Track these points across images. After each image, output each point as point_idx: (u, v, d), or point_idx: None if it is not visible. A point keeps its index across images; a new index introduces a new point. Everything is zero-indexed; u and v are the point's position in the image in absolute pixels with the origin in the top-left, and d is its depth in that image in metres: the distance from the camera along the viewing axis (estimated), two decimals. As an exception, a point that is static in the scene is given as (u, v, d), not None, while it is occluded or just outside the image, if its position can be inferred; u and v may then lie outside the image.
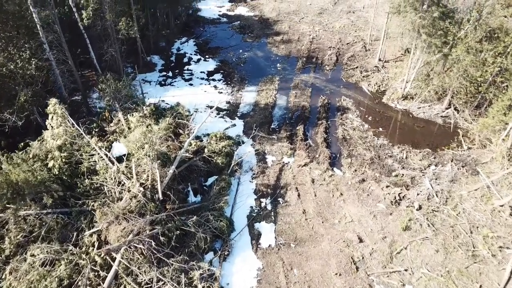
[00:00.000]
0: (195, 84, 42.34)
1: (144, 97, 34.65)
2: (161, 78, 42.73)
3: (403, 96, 40.48)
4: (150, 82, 42.01)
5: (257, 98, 40.68)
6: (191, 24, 55.09)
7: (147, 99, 38.81)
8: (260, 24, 55.82)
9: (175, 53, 47.82)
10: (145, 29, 44.38)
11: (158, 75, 43.41)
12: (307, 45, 50.41)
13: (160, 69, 44.42)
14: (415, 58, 37.94)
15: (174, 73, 44.00)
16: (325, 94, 41.80)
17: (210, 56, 47.70)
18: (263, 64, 46.92)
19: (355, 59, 47.83)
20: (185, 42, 50.17)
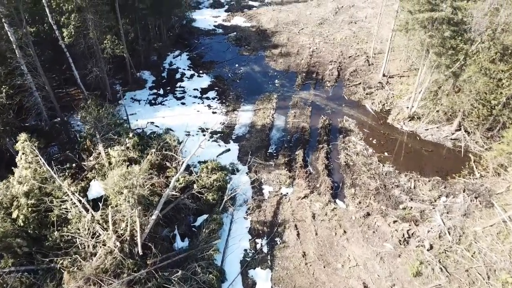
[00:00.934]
0: (188, 103, 40.08)
1: (130, 123, 32.25)
2: (151, 97, 40.46)
3: (409, 117, 38.23)
4: (139, 101, 39.72)
5: (253, 119, 38.42)
6: (185, 35, 52.86)
7: (136, 121, 36.66)
8: (258, 36, 53.61)
9: (167, 68, 45.57)
10: (134, 44, 42.15)
11: (149, 93, 41.13)
12: (306, 58, 48.20)
13: (151, 86, 42.16)
14: (422, 77, 35.71)
15: (165, 90, 41.73)
16: (326, 113, 39.55)
17: (204, 71, 45.46)
18: (260, 80, 44.69)
19: (357, 74, 45.60)
20: (178, 56, 47.93)
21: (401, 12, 31.96)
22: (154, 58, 46.91)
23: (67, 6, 29.70)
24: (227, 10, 60.96)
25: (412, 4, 27.92)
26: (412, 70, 45.49)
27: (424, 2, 27.14)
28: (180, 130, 35.96)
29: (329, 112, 39.79)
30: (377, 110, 40.24)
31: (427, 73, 34.08)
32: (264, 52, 50.02)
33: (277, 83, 44.12)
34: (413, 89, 40.54)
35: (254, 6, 62.59)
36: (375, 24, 57.59)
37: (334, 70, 46.01)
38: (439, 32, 28.89)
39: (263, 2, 64.09)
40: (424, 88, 36.28)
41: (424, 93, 36.51)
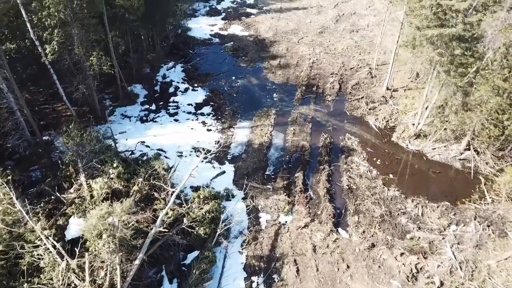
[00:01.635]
0: (181, 119, 38.27)
1: (116, 145, 30.34)
2: (143, 113, 38.64)
3: (415, 135, 36.45)
4: (130, 118, 37.88)
5: (250, 137, 36.60)
6: (180, 45, 51.09)
7: (126, 140, 34.84)
8: (256, 46, 51.85)
9: (160, 81, 43.76)
10: (125, 56, 40.38)
11: (140, 108, 39.31)
12: (306, 70, 46.43)
13: (143, 101, 40.34)
14: (429, 94, 33.91)
15: (158, 106, 39.91)
16: (327, 130, 37.73)
17: (199, 84, 43.67)
18: (258, 94, 42.90)
19: (360, 87, 43.83)
20: (172, 68, 46.12)
21: (407, 27, 30.18)
22: (147, 70, 45.13)
23: (50, 21, 27.92)
24: (224, 18, 59.20)
25: (420, 19, 26.18)
26: (417, 83, 43.83)
27: (433, 17, 25.39)
28: (172, 151, 34.15)
29: (330, 129, 37.99)
30: (381, 127, 38.43)
31: (434, 90, 32.31)
32: (262, 64, 48.26)
33: (276, 97, 42.33)
34: (418, 104, 38.85)
35: (252, 14, 60.90)
36: (377, 33, 56.02)
37: (335, 83, 44.25)
38: (449, 49, 27.13)
39: (262, 10, 62.42)
40: (431, 106, 34.52)
41: (431, 110, 34.74)
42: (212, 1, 65.04)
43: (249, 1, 66.50)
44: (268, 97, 42.47)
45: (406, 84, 44.09)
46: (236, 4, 64.71)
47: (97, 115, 37.54)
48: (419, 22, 26.17)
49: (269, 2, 66.28)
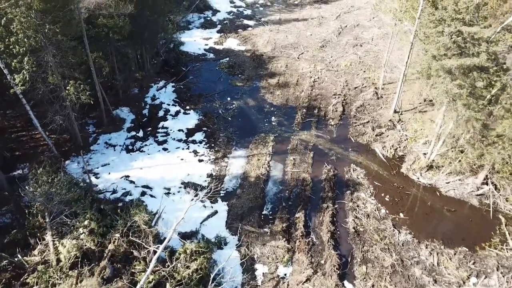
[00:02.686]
0: (171, 148, 35.37)
1: (93, 193, 27.31)
2: (128, 141, 35.73)
3: (427, 166, 33.61)
4: (114, 147, 34.99)
5: (246, 168, 33.73)
6: (172, 62, 48.22)
7: (108, 174, 31.92)
8: (253, 62, 48.98)
9: (149, 104, 40.84)
10: (110, 78, 37.48)
11: (126, 135, 36.39)
12: (307, 90, 43.60)
13: (129, 127, 37.38)
14: (442, 123, 31.06)
15: (145, 132, 37.01)
16: (330, 160, 34.87)
17: (191, 106, 40.77)
18: (255, 117, 40.03)
19: (365, 109, 40.97)
20: (163, 88, 43.24)
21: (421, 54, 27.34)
22: (135, 91, 42.23)
23: (18, 48, 25.06)
24: (220, 31, 56.34)
25: (436, 47, 23.39)
26: (426, 104, 40.98)
27: (453, 46, 22.63)
28: (159, 187, 31.24)
29: (333, 159, 35.13)
30: (389, 156, 35.52)
31: (448, 118, 29.45)
32: (259, 82, 45.41)
33: (274, 121, 39.45)
34: (429, 131, 36.04)
35: (249, 26, 58.07)
36: (382, 47, 53.28)
37: (339, 105, 41.40)
38: (468, 79, 24.33)
39: (259, 21, 59.56)
40: (445, 135, 31.68)
41: (444, 141, 31.90)
42: (207, 12, 62.29)
43: (246, 11, 63.70)
44: (266, 121, 39.59)
45: (415, 106, 41.24)
46: (233, 15, 61.88)
47: (78, 143, 34.66)
48: (436, 50, 23.42)
49: (268, 13, 63.54)
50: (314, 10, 63.72)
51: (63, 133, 35.14)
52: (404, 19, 34.98)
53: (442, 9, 23.27)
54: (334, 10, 63.89)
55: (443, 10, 23.09)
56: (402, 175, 33.95)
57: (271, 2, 66.67)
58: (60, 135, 35.08)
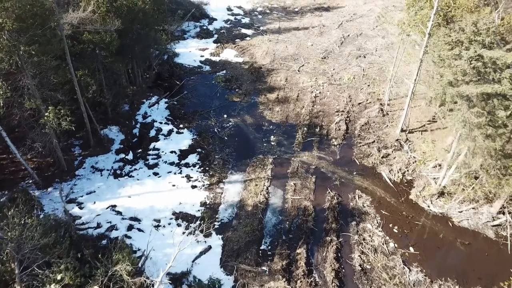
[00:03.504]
0: (162, 173, 33.17)
1: (73, 231, 24.92)
2: (117, 165, 33.51)
3: (438, 193, 31.44)
4: (101, 171, 32.77)
5: (243, 194, 31.52)
6: (165, 75, 46.01)
7: (93, 204, 29.69)
8: (251, 75, 46.78)
9: (140, 122, 38.60)
10: (98, 96, 35.23)
11: (114, 158, 34.16)
12: (308, 106, 41.42)
13: (118, 149, 35.14)
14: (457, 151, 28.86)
15: (135, 154, 34.81)
16: (334, 185, 32.68)
17: (185, 125, 38.56)
18: (253, 136, 37.84)
19: (370, 128, 38.79)
20: (155, 104, 41.04)
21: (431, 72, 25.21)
22: (126, 108, 40.00)
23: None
24: (216, 41, 54.13)
25: (453, 71, 21.23)
26: (436, 122, 38.83)
27: (471, 72, 20.47)
28: (148, 218, 29.01)
29: (337, 184, 32.92)
30: (397, 180, 33.32)
31: (462, 145, 27.30)
32: (258, 98, 43.18)
33: (273, 141, 37.26)
34: (439, 153, 33.86)
35: (247, 36, 55.88)
36: (387, 58, 51.11)
37: (342, 123, 39.18)
38: (488, 106, 22.18)
39: (258, 30, 57.37)
40: (458, 163, 29.48)
41: (457, 167, 29.71)
42: (204, 20, 60.11)
43: (244, 20, 61.50)
44: (265, 141, 37.39)
45: (423, 124, 39.08)
46: (230, 24, 59.67)
47: (62, 168, 32.46)
48: (452, 75, 21.28)
49: (266, 21, 61.35)
50: (315, 18, 61.57)
51: (47, 156, 33.07)
52: (413, 33, 32.93)
53: (459, 30, 21.16)
54: (335, 18, 61.76)
55: (460, 31, 20.97)
56: (411, 203, 31.76)
57: (270, 10, 64.52)
58: (43, 159, 32.97)
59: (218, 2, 65.31)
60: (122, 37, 34.47)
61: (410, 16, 31.93)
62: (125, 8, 35.30)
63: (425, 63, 33.46)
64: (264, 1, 67.41)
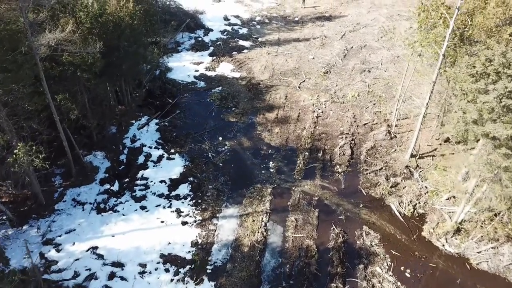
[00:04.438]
0: (150, 206, 30.42)
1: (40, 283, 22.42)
2: (101, 197, 30.74)
3: (453, 230, 28.81)
4: (84, 205, 30.00)
5: (238, 232, 28.83)
6: (157, 92, 43.17)
7: (72, 245, 26.97)
8: (248, 92, 44.03)
9: (128, 147, 35.82)
10: (81, 121, 32.54)
11: (98, 189, 31.40)
12: (310, 128, 38.75)
13: (103, 178, 32.38)
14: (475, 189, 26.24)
15: (122, 184, 32.07)
16: (339, 220, 30.00)
17: (176, 149, 35.80)
18: (250, 162, 35.16)
19: (377, 152, 36.15)
20: (145, 125, 38.31)
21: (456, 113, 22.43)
22: (113, 130, 37.34)
23: None
24: (212, 54, 51.41)
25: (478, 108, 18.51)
26: (449, 146, 36.23)
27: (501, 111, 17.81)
28: (133, 262, 26.26)
29: (342, 218, 30.23)
30: (407, 214, 30.69)
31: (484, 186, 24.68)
32: (255, 117, 40.47)
33: (272, 168, 34.58)
34: (453, 184, 31.24)
35: (245, 48, 53.16)
36: (393, 73, 48.44)
37: (346, 147, 36.54)
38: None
39: (256, 42, 54.68)
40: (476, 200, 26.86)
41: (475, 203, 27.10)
42: (199, 31, 57.47)
43: (242, 30, 58.71)
44: (263, 167, 34.70)
45: (435, 148, 36.50)
46: (227, 35, 56.95)
47: (40, 202, 29.77)
48: (477, 112, 18.72)
49: (265, 31, 58.67)
50: (317, 29, 58.89)
51: (25, 188, 30.38)
52: (425, 53, 30.37)
53: (486, 61, 18.65)
54: (338, 29, 59.09)
55: (487, 62, 18.47)
56: (424, 240, 29.03)
57: (269, 19, 61.76)
58: (18, 191, 30.31)
59: (214, 12, 62.57)
60: (107, 56, 31.80)
61: (422, 35, 29.38)
62: (111, 24, 32.88)
63: (438, 85, 30.99)
64: (262, 10, 64.75)
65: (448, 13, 28.41)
